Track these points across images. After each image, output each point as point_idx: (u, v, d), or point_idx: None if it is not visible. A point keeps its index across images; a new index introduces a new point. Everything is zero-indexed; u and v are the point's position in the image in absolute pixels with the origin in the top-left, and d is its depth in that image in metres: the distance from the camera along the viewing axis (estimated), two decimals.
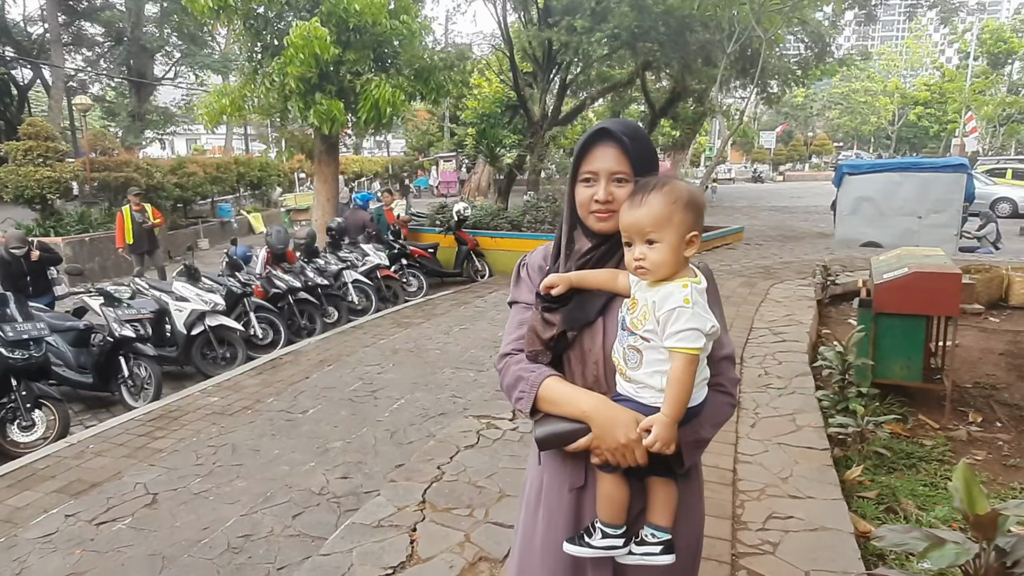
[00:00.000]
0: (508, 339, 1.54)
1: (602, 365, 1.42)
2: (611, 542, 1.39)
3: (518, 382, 1.44)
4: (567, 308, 1.43)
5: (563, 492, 1.47)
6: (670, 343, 1.28)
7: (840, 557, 2.79)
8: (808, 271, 9.18)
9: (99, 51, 24.20)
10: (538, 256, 1.61)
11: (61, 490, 4.11)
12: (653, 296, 1.31)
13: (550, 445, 1.40)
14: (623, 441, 1.31)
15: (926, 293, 4.59)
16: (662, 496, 1.41)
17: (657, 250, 1.31)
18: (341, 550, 2.83)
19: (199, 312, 6.61)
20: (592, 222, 1.44)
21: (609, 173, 1.40)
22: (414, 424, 4.55)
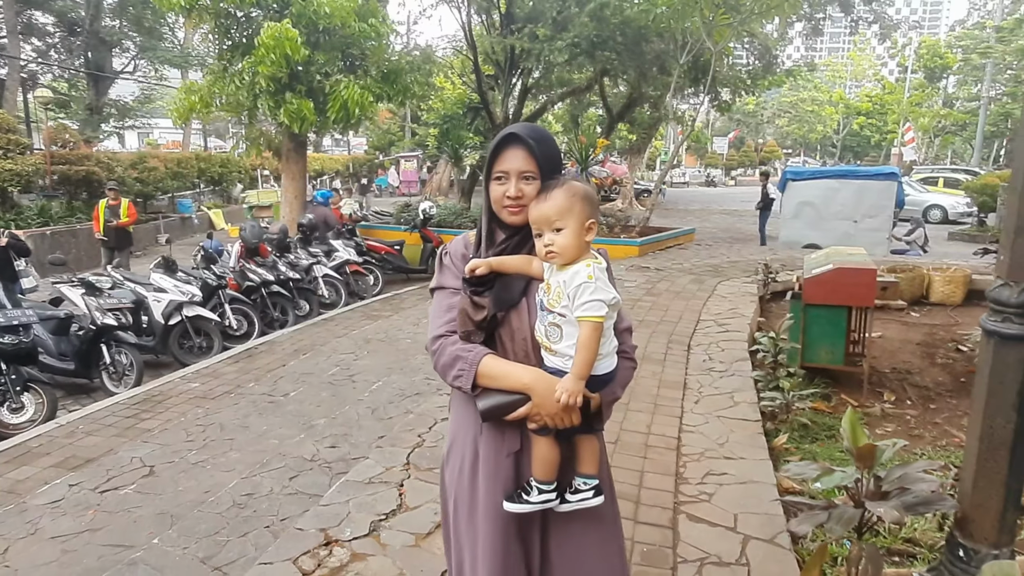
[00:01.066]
0: (438, 322, 1.64)
1: (529, 342, 1.58)
2: (546, 496, 1.57)
3: (456, 361, 1.56)
4: (494, 291, 1.58)
5: (501, 458, 1.61)
6: (578, 313, 1.48)
7: (763, 503, 3.32)
8: (753, 270, 9.86)
9: (49, 41, 23.67)
10: (459, 245, 1.73)
11: (58, 465, 4.37)
12: (563, 277, 1.51)
13: (493, 416, 1.53)
14: (560, 406, 1.49)
15: (847, 287, 5.22)
16: (588, 450, 1.62)
17: (563, 235, 1.51)
18: (339, 501, 3.24)
19: (177, 303, 6.86)
20: (505, 216, 1.61)
21: (518, 172, 1.56)
22: (392, 402, 4.96)
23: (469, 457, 1.65)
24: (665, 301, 8.10)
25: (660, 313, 7.50)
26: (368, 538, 2.94)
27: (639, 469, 3.72)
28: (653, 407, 4.66)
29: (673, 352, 6.01)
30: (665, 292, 8.63)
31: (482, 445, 1.63)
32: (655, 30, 12.90)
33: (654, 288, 8.89)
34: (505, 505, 1.57)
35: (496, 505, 1.59)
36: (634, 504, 3.32)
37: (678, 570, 2.80)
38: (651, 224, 14.20)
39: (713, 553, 2.92)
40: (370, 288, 10.22)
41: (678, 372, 5.45)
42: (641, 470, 3.71)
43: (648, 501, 3.38)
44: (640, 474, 3.66)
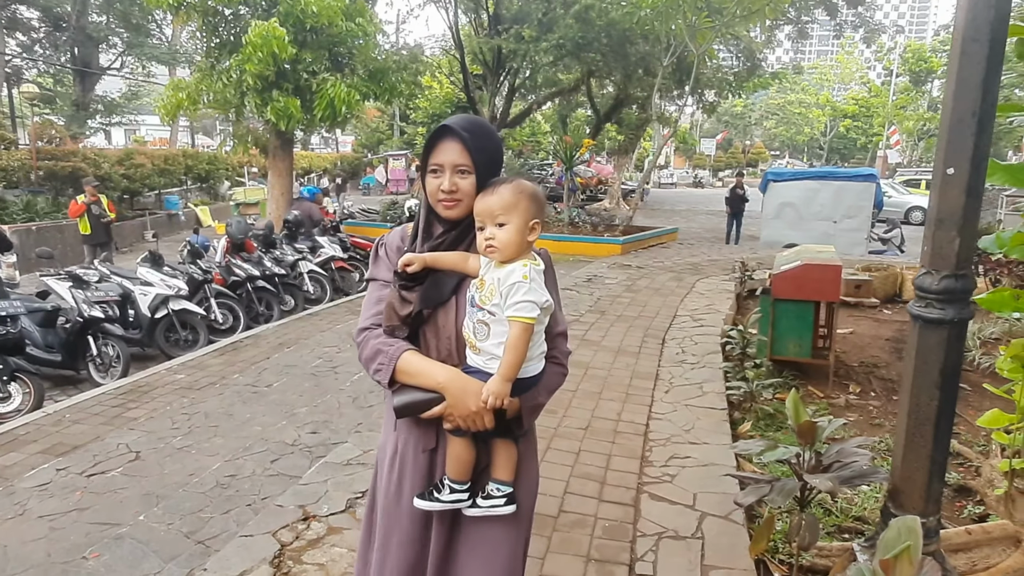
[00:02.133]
0: (366, 314, 1.63)
1: (454, 340, 1.55)
2: (458, 496, 1.55)
3: (377, 355, 1.54)
4: (423, 287, 1.55)
5: (417, 454, 1.60)
6: (509, 312, 1.45)
7: (722, 484, 3.50)
8: (732, 270, 10.08)
9: (34, 36, 23.55)
10: (395, 237, 1.70)
11: (46, 451, 4.48)
12: (498, 274, 1.49)
13: (407, 413, 1.52)
14: (474, 409, 1.46)
15: (814, 282, 5.42)
16: (504, 455, 1.58)
17: (505, 231, 1.48)
18: (317, 480, 3.39)
19: (163, 296, 6.97)
20: (441, 209, 1.57)
21: (452, 165, 1.53)
22: (373, 392, 5.11)
23: (389, 451, 1.65)
24: (644, 297, 8.29)
25: (638, 309, 7.68)
26: (344, 514, 3.10)
27: (607, 453, 3.89)
28: (624, 396, 4.84)
29: (648, 345, 6.20)
30: (644, 289, 8.83)
31: (400, 440, 1.62)
32: (639, 32, 13.12)
33: (634, 285, 9.08)
34: (415, 501, 1.56)
35: (408, 500, 1.59)
36: (599, 484, 3.49)
37: (636, 543, 2.97)
38: (635, 224, 14.41)
39: (671, 528, 3.09)
40: (355, 284, 10.32)
41: (651, 364, 5.63)
42: (609, 454, 3.88)
43: (613, 482, 3.55)
44: (608, 457, 3.83)
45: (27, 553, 3.07)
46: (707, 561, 2.85)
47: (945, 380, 2.32)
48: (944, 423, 2.38)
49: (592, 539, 2.98)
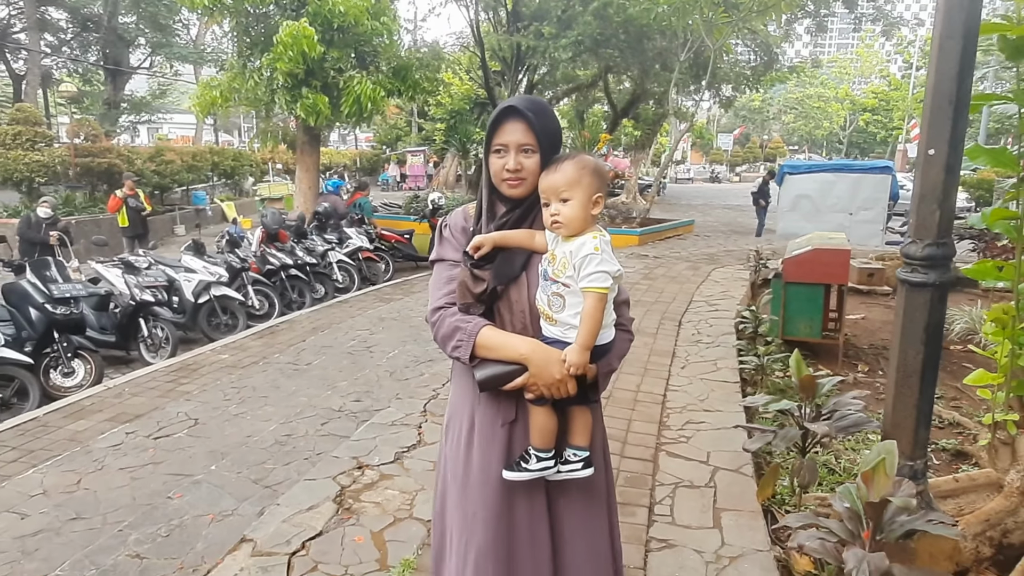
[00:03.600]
0: (437, 294, 1.65)
1: (528, 314, 1.59)
2: (544, 464, 1.58)
3: (455, 332, 1.56)
4: (495, 264, 1.58)
5: (496, 427, 1.62)
6: (584, 284, 1.49)
7: (734, 444, 3.82)
8: (747, 259, 10.34)
9: (62, 37, 24.24)
10: (459, 218, 1.73)
11: (112, 419, 4.90)
12: (569, 248, 1.53)
13: (491, 386, 1.55)
14: (558, 377, 1.50)
15: (823, 266, 5.71)
16: (580, 422, 1.63)
17: (570, 206, 1.52)
18: (367, 437, 3.77)
19: (206, 283, 7.40)
20: (505, 189, 1.61)
21: (517, 145, 1.56)
22: (408, 367, 5.49)
23: (466, 428, 1.67)
24: (661, 285, 8.60)
25: (655, 295, 8.00)
26: (394, 464, 3.47)
27: (628, 418, 4.23)
28: (643, 371, 5.17)
29: (665, 327, 6.52)
30: (661, 277, 9.14)
31: (478, 415, 1.64)
32: (657, 28, 13.37)
33: (651, 273, 9.39)
34: (504, 474, 1.59)
35: (491, 474, 1.61)
36: (621, 444, 3.83)
37: (655, 491, 3.31)
38: (652, 216, 14.68)
39: (686, 479, 3.43)
40: (381, 274, 10.73)
41: (668, 343, 5.96)
42: (629, 419, 4.22)
43: (634, 442, 3.89)
44: (628, 422, 4.17)
45: (114, 497, 3.48)
46: (719, 505, 3.18)
47: (929, 336, 2.64)
48: (928, 375, 2.70)
49: (616, 487, 3.32)
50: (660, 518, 3.07)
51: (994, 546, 2.92)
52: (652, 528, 2.98)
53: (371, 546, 2.75)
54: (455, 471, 1.69)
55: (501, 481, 1.59)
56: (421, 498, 3.14)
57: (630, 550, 2.79)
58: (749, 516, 3.08)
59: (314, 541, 2.76)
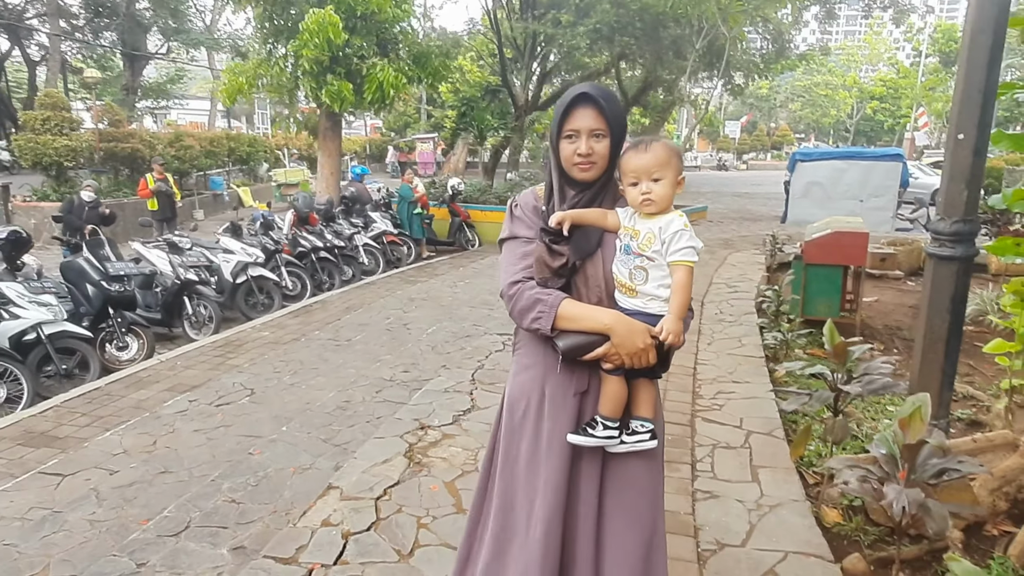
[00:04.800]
0: (513, 269, 1.70)
1: (603, 287, 1.66)
2: (611, 432, 1.64)
3: (535, 304, 1.62)
4: (573, 240, 1.64)
5: (568, 397, 1.69)
6: (674, 257, 1.56)
7: (764, 412, 4.11)
8: (762, 244, 10.58)
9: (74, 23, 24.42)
10: (530, 198, 1.79)
11: (170, 389, 5.20)
12: (656, 224, 1.60)
13: (573, 355, 1.60)
14: (641, 346, 1.56)
15: (842, 248, 5.97)
16: (646, 394, 1.70)
17: (660, 185, 1.60)
18: (424, 403, 4.07)
19: (243, 263, 7.68)
20: (576, 173, 1.66)
21: (589, 130, 1.62)
22: (448, 342, 5.77)
23: (535, 401, 1.72)
24: None
25: None
26: (453, 425, 3.77)
27: (663, 388, 4.50)
28: None
29: None
30: None
31: (549, 387, 1.70)
32: (672, 15, 13.52)
33: None
34: (569, 437, 1.65)
35: (559, 442, 1.67)
36: None
37: (695, 451, 3.60)
38: None
39: (723, 441, 3.71)
40: (404, 257, 11.01)
41: (693, 322, 6.22)
42: (664, 389, 4.50)
43: (670, 409, 4.17)
44: (664, 391, 4.45)
45: (195, 454, 3.78)
46: (755, 463, 3.46)
47: (954, 305, 2.91)
48: (953, 341, 2.98)
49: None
50: (702, 474, 3.36)
51: (1009, 501, 3.19)
52: (696, 482, 3.27)
53: (445, 493, 3.04)
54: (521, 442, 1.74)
55: (569, 449, 1.66)
56: (483, 455, 3.42)
57: (678, 500, 3.08)
58: (784, 472, 3.36)
59: (394, 488, 3.06)
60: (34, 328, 5.30)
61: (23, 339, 5.28)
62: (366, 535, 2.69)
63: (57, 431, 4.42)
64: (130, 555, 2.75)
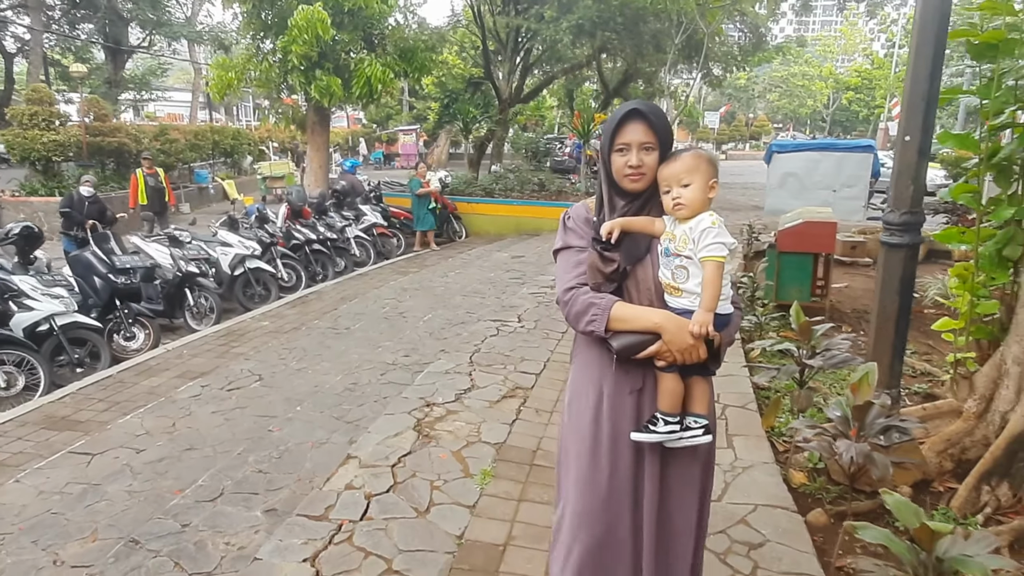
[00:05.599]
0: (567, 277, 1.79)
1: (653, 290, 1.73)
2: (671, 427, 1.70)
3: (589, 308, 1.71)
4: (623, 247, 1.73)
5: (625, 395, 1.75)
6: (703, 253, 1.64)
7: (739, 387, 4.48)
8: (739, 233, 10.99)
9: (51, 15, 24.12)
10: (581, 210, 1.89)
11: (181, 376, 5.48)
12: (688, 226, 1.68)
13: (628, 354, 1.68)
14: (690, 342, 1.64)
15: (812, 236, 6.36)
16: (700, 391, 1.76)
17: (690, 190, 1.67)
18: (427, 383, 4.39)
19: (241, 256, 7.92)
20: (627, 184, 1.75)
21: (639, 143, 1.70)
22: (444, 328, 6.10)
23: (593, 399, 1.79)
24: None
25: None
26: (455, 402, 4.10)
27: None
28: None
29: None
30: None
31: (607, 386, 1.77)
32: (652, 11, 13.86)
33: None
34: (633, 435, 1.71)
35: (621, 438, 1.74)
36: None
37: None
38: None
39: None
40: (394, 249, 11.29)
41: None
42: None
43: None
44: None
45: (216, 433, 4.08)
46: (730, 432, 3.84)
47: (903, 287, 3.30)
48: (902, 319, 3.37)
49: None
50: None
51: (954, 461, 3.60)
52: None
53: (453, 461, 3.38)
54: (582, 442, 1.81)
55: (630, 444, 1.74)
56: (485, 428, 3.77)
57: None
58: (756, 440, 3.74)
59: (407, 457, 3.38)
60: (47, 319, 5.55)
61: (36, 330, 5.51)
62: (386, 496, 3.02)
63: (77, 416, 4.70)
64: (173, 517, 3.06)
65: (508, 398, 4.22)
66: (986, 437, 3.49)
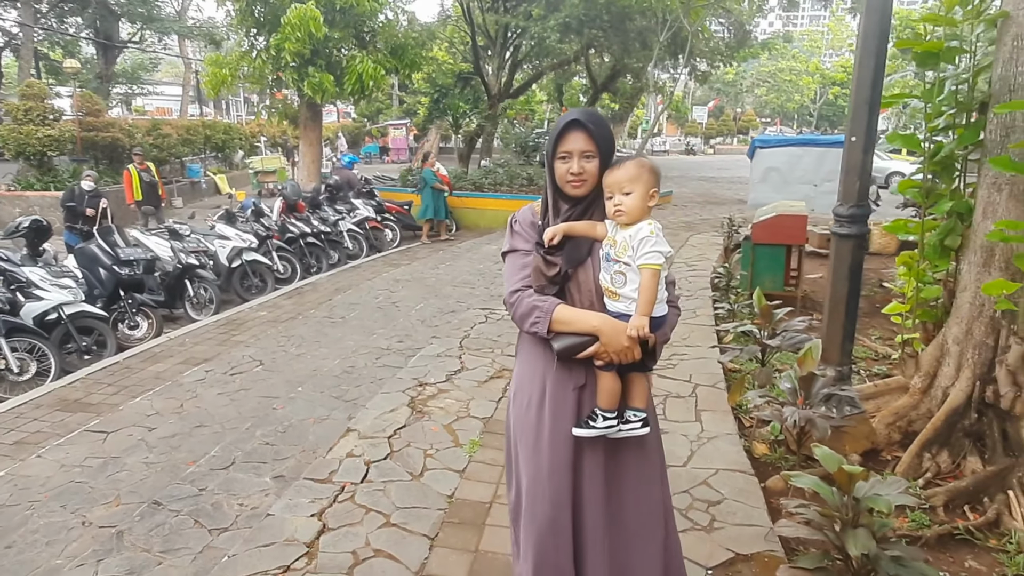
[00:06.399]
0: (513, 279, 1.87)
1: (594, 292, 1.81)
2: (609, 423, 1.80)
3: (533, 310, 1.79)
4: (565, 251, 1.81)
5: (567, 392, 1.84)
6: (640, 261, 1.72)
7: (710, 369, 4.82)
8: (720, 226, 11.36)
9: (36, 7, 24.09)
10: (527, 214, 1.95)
11: (184, 362, 5.76)
12: (628, 233, 1.76)
13: (567, 354, 1.77)
14: (626, 343, 1.72)
15: (785, 229, 6.72)
16: (638, 386, 1.86)
17: (631, 198, 1.75)
18: (419, 365, 4.71)
19: (238, 248, 8.19)
20: (569, 189, 1.83)
21: (580, 152, 1.79)
22: (436, 316, 6.41)
23: (537, 394, 1.87)
24: None
25: None
26: (447, 382, 4.42)
27: None
28: None
29: None
30: None
31: (550, 382, 1.85)
32: (638, 9, 14.17)
33: None
34: (574, 431, 1.81)
35: (562, 433, 1.82)
36: None
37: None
38: None
39: (674, 392, 4.42)
40: (388, 243, 11.57)
41: None
42: None
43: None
44: None
45: (223, 412, 4.38)
46: (699, 408, 4.18)
47: (852, 273, 3.65)
48: (851, 302, 3.71)
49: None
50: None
51: (902, 433, 3.95)
52: None
53: (444, 433, 3.70)
54: (528, 430, 1.89)
55: (571, 438, 1.82)
56: (473, 404, 4.09)
57: None
58: (722, 414, 4.08)
59: (402, 430, 3.70)
60: (55, 309, 5.81)
61: (46, 319, 5.78)
62: (384, 462, 3.34)
63: (89, 399, 4.98)
64: (190, 483, 3.37)
65: (495, 379, 4.55)
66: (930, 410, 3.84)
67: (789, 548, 2.73)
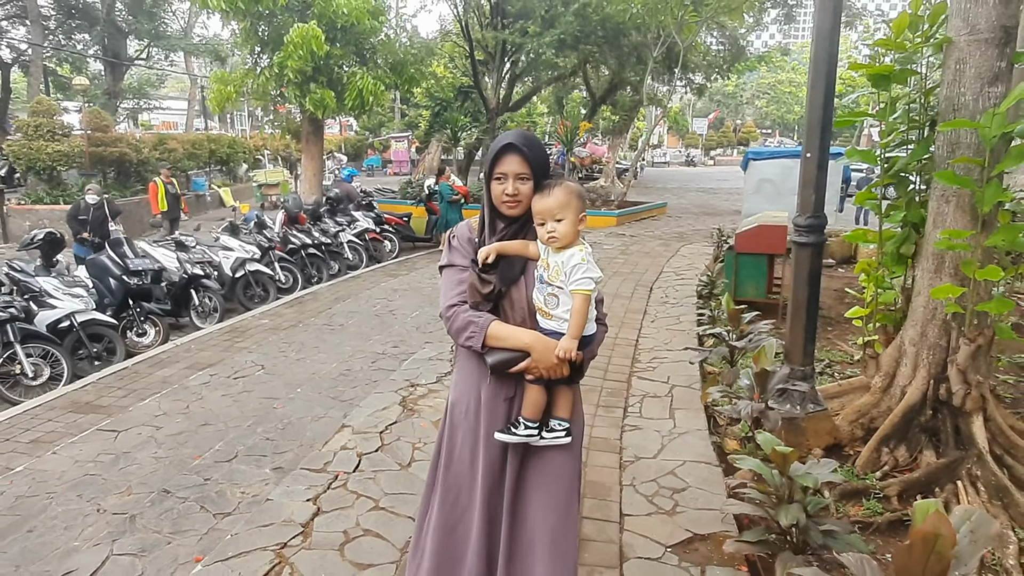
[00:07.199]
0: (449, 295, 1.94)
1: (526, 310, 1.90)
2: (531, 431, 1.90)
3: (468, 326, 1.86)
4: (499, 270, 1.88)
5: (499, 402, 1.94)
6: (572, 287, 1.81)
7: (688, 371, 5.09)
8: (710, 236, 11.65)
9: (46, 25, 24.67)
10: (465, 230, 2.02)
11: (190, 367, 6.04)
12: (561, 258, 1.84)
13: (501, 369, 1.85)
14: (556, 361, 1.82)
15: (766, 238, 6.99)
16: (564, 398, 1.95)
17: (563, 225, 1.83)
18: (412, 368, 4.99)
19: (242, 259, 8.50)
20: (504, 209, 1.90)
21: (515, 174, 1.85)
22: (430, 323, 6.69)
23: (474, 402, 1.98)
24: (636, 259, 9.87)
25: (631, 267, 9.27)
26: (437, 383, 4.70)
27: (608, 356, 5.48)
28: (620, 324, 6.43)
29: (638, 292, 7.79)
30: (636, 252, 10.41)
31: (484, 392, 1.94)
32: (632, 25, 14.55)
33: (627, 249, 10.66)
34: (496, 435, 1.90)
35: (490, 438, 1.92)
36: (603, 371, 5.08)
37: (628, 399, 4.57)
38: (629, 199, 15.94)
39: (651, 392, 4.69)
40: (387, 254, 11.86)
41: (640, 304, 7.23)
42: (609, 357, 5.47)
43: (612, 370, 5.14)
44: (608, 359, 5.42)
45: (227, 412, 4.66)
46: (674, 407, 4.44)
47: (811, 279, 3.92)
48: (812, 306, 3.98)
49: (599, 397, 4.58)
50: (632, 414, 4.33)
51: (863, 429, 4.21)
52: (625, 420, 4.24)
53: (432, 429, 3.97)
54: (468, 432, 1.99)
55: (501, 444, 1.93)
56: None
57: (610, 431, 4.05)
58: (695, 412, 4.35)
59: (393, 426, 3.97)
60: (68, 316, 6.11)
61: (59, 326, 6.08)
62: (375, 454, 3.61)
63: (99, 401, 5.26)
64: (196, 474, 3.64)
65: None
66: (890, 408, 4.10)
67: (742, 527, 2.99)
